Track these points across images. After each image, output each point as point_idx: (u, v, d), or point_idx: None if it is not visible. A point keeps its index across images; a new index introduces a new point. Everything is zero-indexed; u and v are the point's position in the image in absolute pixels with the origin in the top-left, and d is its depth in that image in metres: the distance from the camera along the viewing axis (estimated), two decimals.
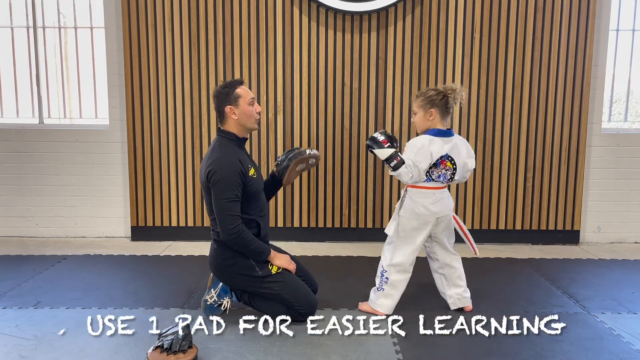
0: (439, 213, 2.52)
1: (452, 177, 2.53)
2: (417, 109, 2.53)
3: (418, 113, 2.52)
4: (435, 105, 2.48)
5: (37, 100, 4.17)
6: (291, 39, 3.91)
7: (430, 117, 2.49)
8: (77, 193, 4.16)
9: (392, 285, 2.57)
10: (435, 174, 2.49)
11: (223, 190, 2.37)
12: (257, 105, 2.53)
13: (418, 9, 3.88)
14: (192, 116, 3.98)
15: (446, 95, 2.48)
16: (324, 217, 4.09)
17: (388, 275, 2.57)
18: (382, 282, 2.59)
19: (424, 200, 2.50)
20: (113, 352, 2.19)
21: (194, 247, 3.91)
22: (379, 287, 2.60)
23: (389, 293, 2.58)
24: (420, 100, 2.51)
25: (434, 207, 2.50)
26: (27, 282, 3.07)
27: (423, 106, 2.50)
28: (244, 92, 2.48)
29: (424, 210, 2.50)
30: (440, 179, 2.50)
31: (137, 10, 3.88)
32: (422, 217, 2.51)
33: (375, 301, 2.61)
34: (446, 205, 2.55)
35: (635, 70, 4.18)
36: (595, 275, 3.28)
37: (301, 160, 2.69)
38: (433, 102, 2.48)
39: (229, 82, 2.50)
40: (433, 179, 2.50)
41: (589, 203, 4.15)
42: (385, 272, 2.58)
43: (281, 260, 2.53)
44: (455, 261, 2.64)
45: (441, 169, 2.49)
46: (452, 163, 2.50)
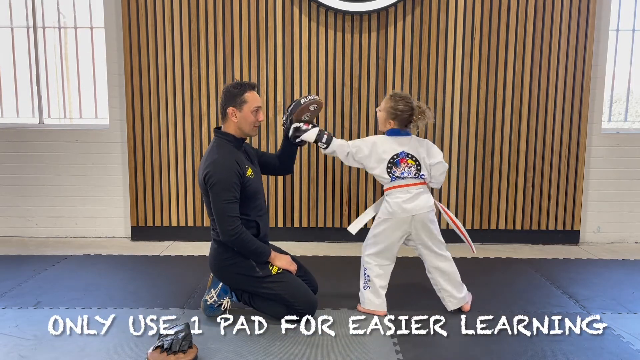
0: (413, 210, 2.51)
1: (418, 173, 2.54)
2: (383, 109, 2.60)
3: (382, 113, 2.60)
4: (398, 119, 2.55)
5: (37, 100, 4.17)
6: (291, 39, 3.91)
7: (388, 124, 2.58)
8: (77, 193, 4.16)
9: (375, 281, 2.59)
10: (398, 172, 2.53)
11: (221, 192, 2.37)
12: (260, 114, 2.52)
13: (418, 9, 3.88)
14: (192, 116, 3.98)
15: (412, 115, 2.54)
16: (324, 217, 4.09)
17: (369, 273, 2.60)
18: (365, 280, 2.62)
19: (397, 199, 2.53)
20: (113, 352, 2.19)
21: (194, 247, 3.91)
22: (365, 286, 2.63)
23: (374, 289, 2.59)
24: (389, 106, 2.56)
25: (407, 205, 2.51)
26: (27, 282, 3.07)
27: (388, 112, 2.56)
28: (251, 98, 2.47)
29: (397, 208, 2.52)
30: (405, 174, 2.53)
31: (137, 10, 3.88)
32: (395, 215, 2.53)
33: (365, 301, 2.62)
34: (422, 202, 2.54)
35: (635, 70, 4.18)
36: (595, 275, 3.28)
37: (302, 111, 2.65)
38: (397, 116, 2.54)
39: (241, 84, 2.49)
40: (398, 176, 2.53)
41: (589, 203, 4.15)
42: (366, 270, 2.61)
43: (282, 261, 2.53)
44: (443, 262, 2.60)
45: (403, 167, 2.53)
46: (412, 159, 2.54)
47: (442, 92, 3.93)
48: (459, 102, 3.95)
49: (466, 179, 4.03)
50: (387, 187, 2.59)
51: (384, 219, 2.57)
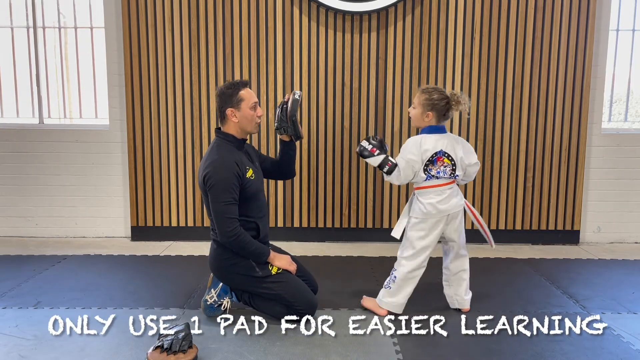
0: (448, 210, 2.50)
1: (453, 173, 2.51)
2: (417, 104, 2.52)
3: (417, 109, 2.52)
4: (435, 109, 2.48)
5: (37, 100, 4.17)
6: (291, 39, 3.91)
7: (426, 118, 2.50)
8: (77, 193, 4.16)
9: (399, 284, 2.56)
10: (434, 171, 2.48)
11: (220, 193, 2.37)
12: (259, 109, 2.52)
13: (418, 9, 3.88)
14: (192, 116, 3.98)
15: (449, 103, 2.48)
16: (324, 217, 4.09)
17: (397, 274, 2.56)
18: (390, 280, 2.59)
19: (431, 200, 2.49)
20: (113, 352, 2.19)
21: (194, 247, 3.91)
22: (387, 285, 2.60)
23: (395, 291, 2.57)
24: (423, 98, 2.49)
25: (442, 205, 2.49)
26: (27, 282, 3.07)
27: (424, 105, 2.49)
28: (247, 95, 2.47)
29: (432, 209, 2.49)
30: (440, 174, 2.49)
31: (137, 10, 3.88)
32: (432, 217, 2.50)
33: (382, 299, 2.60)
34: (455, 202, 2.52)
35: (635, 70, 4.18)
36: (595, 275, 3.28)
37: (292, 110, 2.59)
38: (434, 106, 2.47)
39: (234, 83, 2.48)
40: (433, 175, 2.49)
41: (589, 203, 4.15)
42: (395, 270, 2.58)
43: (281, 261, 2.52)
44: (465, 263, 2.64)
45: (439, 166, 2.48)
46: (449, 159, 2.49)
47: None
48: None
49: None
50: (418, 185, 2.54)
51: (420, 220, 2.52)
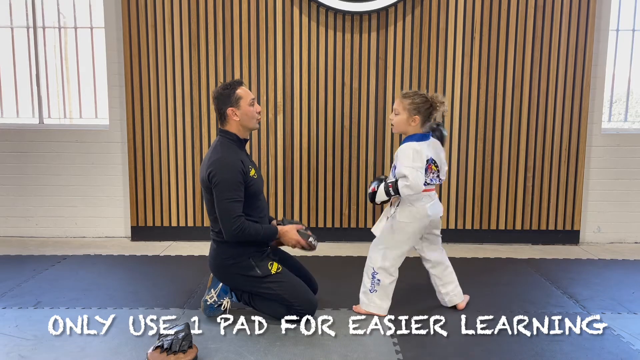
0: (433, 215, 2.55)
1: (437, 177, 2.58)
2: (401, 110, 2.49)
3: (401, 114, 2.49)
4: (421, 112, 2.47)
5: (37, 100, 4.17)
6: (291, 39, 3.91)
7: (412, 122, 2.48)
8: (77, 193, 4.16)
9: (384, 287, 2.57)
10: (428, 179, 2.51)
11: (225, 190, 2.38)
12: (257, 105, 2.55)
13: (418, 9, 3.88)
14: (192, 116, 3.98)
15: (432, 105, 2.48)
16: (324, 217, 4.09)
17: (380, 277, 2.57)
18: (373, 283, 2.58)
19: (423, 204, 2.52)
20: (113, 352, 2.19)
21: (194, 247, 3.90)
22: (372, 289, 2.59)
23: (382, 295, 2.58)
24: (407, 103, 2.47)
25: (430, 210, 2.53)
26: (27, 282, 3.07)
27: (409, 110, 2.47)
28: (244, 93, 2.49)
29: (423, 213, 2.51)
30: (432, 180, 2.54)
31: (137, 10, 3.88)
32: (422, 221, 2.52)
33: (369, 304, 2.60)
34: (439, 207, 2.61)
35: (635, 70, 4.18)
36: (595, 275, 3.28)
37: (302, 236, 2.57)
38: (419, 110, 2.47)
39: (229, 83, 2.50)
40: (427, 182, 2.52)
41: (589, 203, 4.15)
42: (376, 274, 2.57)
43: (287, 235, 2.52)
44: (444, 257, 2.69)
45: (429, 174, 2.52)
46: (435, 166, 2.54)
47: (442, 92, 3.93)
48: (459, 102, 3.95)
49: (466, 179, 4.03)
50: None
51: (407, 223, 2.52)
